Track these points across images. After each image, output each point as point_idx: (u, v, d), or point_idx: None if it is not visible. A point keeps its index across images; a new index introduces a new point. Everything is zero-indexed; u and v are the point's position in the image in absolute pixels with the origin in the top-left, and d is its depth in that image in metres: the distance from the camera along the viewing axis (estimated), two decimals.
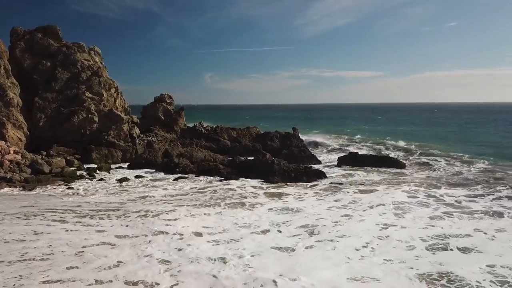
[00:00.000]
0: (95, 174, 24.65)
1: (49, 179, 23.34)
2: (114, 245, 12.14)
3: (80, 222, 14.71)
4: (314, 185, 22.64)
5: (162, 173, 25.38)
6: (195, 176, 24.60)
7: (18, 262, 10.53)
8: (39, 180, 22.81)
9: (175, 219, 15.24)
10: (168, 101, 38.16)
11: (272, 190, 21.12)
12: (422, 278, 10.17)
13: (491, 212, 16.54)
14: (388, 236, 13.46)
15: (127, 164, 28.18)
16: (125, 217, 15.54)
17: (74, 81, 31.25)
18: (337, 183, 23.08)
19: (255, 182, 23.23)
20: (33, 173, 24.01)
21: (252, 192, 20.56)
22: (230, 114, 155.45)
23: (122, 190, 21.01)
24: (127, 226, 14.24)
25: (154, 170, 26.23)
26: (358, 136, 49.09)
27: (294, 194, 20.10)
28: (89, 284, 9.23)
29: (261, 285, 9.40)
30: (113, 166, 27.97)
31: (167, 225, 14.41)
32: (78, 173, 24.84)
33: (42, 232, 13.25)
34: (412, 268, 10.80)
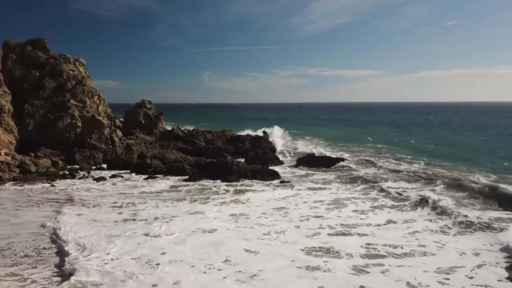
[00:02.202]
0: (75, 174, 28.04)
1: (35, 178, 26.72)
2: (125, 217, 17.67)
3: (71, 207, 18.85)
4: (272, 184, 25.98)
5: (135, 173, 28.75)
6: (163, 176, 28.02)
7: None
8: (26, 179, 26.22)
9: (143, 209, 19.05)
10: (148, 106, 41.57)
11: (240, 188, 24.63)
12: (303, 250, 13.79)
13: (421, 206, 19.64)
14: (302, 225, 16.79)
15: (107, 165, 31.57)
16: (99, 206, 19.78)
17: (60, 90, 34.67)
18: (287, 182, 26.63)
19: (223, 181, 26.56)
20: (21, 173, 27.40)
21: (224, 189, 24.06)
22: (223, 114, 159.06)
23: (99, 187, 24.45)
24: (98, 211, 18.56)
25: (129, 170, 29.60)
26: (328, 138, 52.63)
27: (254, 191, 23.58)
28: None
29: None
30: (94, 166, 31.37)
31: (134, 214, 18.26)
32: (61, 172, 28.23)
33: (60, 212, 18.50)
34: (300, 244, 14.36)
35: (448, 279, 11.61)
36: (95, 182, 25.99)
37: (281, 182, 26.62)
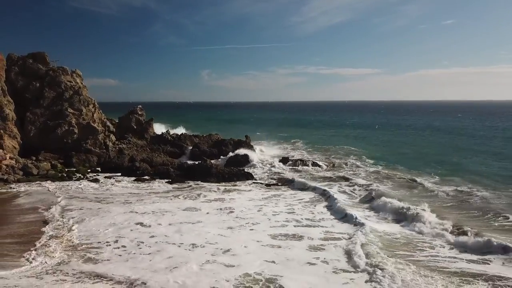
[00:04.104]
0: (72, 176, 31.66)
1: (36, 179, 30.33)
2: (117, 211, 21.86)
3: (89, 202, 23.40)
4: (257, 184, 29.82)
5: (126, 175, 32.35)
6: (150, 178, 31.63)
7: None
8: (29, 180, 29.84)
9: (144, 203, 23.41)
10: (139, 113, 45.20)
11: (229, 188, 28.46)
12: (270, 235, 17.72)
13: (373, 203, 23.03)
14: (272, 218, 20.56)
15: (101, 167, 35.17)
16: (107, 203, 23.97)
17: (58, 99, 38.29)
18: (260, 183, 30.31)
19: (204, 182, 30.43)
20: (24, 175, 31.01)
21: (214, 189, 27.95)
22: (218, 114, 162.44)
23: (95, 188, 28.14)
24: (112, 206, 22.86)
25: (120, 173, 33.19)
26: (310, 142, 56.34)
27: (241, 191, 27.47)
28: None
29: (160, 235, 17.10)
30: (90, 169, 34.91)
31: (131, 209, 22.32)
32: (59, 174, 31.85)
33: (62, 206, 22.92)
34: (266, 231, 18.29)
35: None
36: (91, 183, 29.63)
37: (253, 182, 30.37)
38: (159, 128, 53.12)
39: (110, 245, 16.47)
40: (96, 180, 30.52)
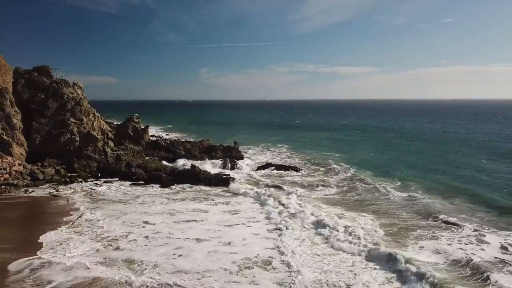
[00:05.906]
0: (74, 180, 35.33)
1: (42, 184, 33.97)
2: (121, 211, 25.36)
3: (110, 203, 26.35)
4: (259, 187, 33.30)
5: (123, 180, 36.03)
6: (145, 183, 35.28)
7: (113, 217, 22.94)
8: (35, 185, 33.48)
9: (154, 202, 27.81)
10: (136, 120, 48.86)
11: (235, 192, 32.05)
12: (266, 229, 21.80)
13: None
14: (265, 213, 25.06)
15: (100, 173, 38.82)
16: (123, 203, 27.20)
17: (61, 110, 41.90)
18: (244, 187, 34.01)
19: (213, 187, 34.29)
20: (31, 180, 34.65)
21: (220, 193, 31.93)
22: (213, 117, 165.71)
23: (98, 191, 31.78)
24: (126, 204, 25.78)
25: (117, 178, 36.87)
26: (292, 146, 60.00)
27: (245, 194, 31.15)
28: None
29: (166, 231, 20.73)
30: (90, 174, 38.55)
31: (143, 210, 26.13)
32: (63, 179, 35.50)
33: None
34: (266, 226, 22.45)
35: None
36: (96, 187, 33.26)
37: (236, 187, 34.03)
38: (154, 132, 56.78)
39: (126, 238, 20.55)
40: (97, 185, 34.16)
